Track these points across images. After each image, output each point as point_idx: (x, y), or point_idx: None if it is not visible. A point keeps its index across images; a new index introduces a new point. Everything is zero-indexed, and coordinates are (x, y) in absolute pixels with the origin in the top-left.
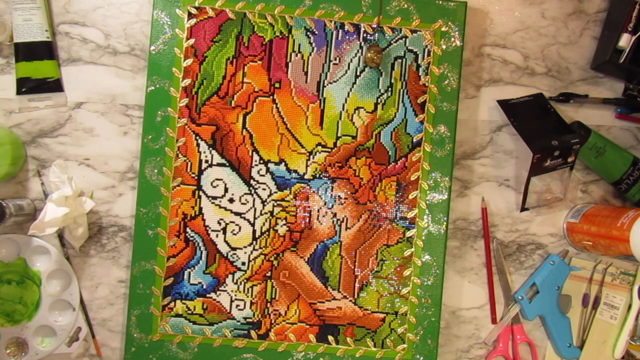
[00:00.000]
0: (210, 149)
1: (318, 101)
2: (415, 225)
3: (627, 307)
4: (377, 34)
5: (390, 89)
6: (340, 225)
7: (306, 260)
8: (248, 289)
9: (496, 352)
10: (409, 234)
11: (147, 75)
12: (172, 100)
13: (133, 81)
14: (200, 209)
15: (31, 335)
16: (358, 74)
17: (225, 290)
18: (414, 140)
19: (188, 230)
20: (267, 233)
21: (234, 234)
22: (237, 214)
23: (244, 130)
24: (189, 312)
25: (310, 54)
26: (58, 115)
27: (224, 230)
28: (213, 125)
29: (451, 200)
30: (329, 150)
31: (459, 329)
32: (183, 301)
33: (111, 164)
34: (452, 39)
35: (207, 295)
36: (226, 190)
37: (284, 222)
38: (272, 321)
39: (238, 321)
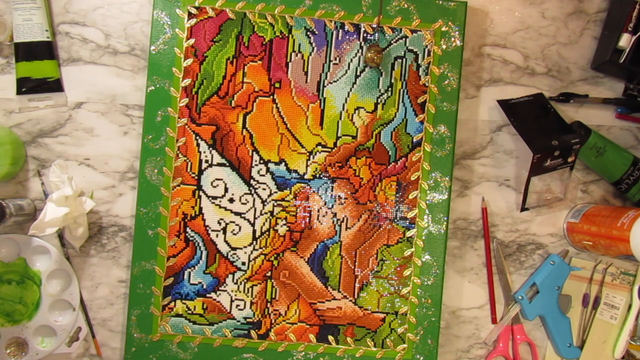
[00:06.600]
0: (210, 148)
1: (318, 101)
2: (415, 225)
3: (627, 307)
4: (377, 34)
5: (390, 89)
6: (340, 225)
7: (306, 260)
8: (248, 289)
9: (496, 352)
10: (409, 234)
11: (147, 75)
12: (172, 100)
13: (133, 81)
14: (200, 208)
15: (31, 335)
16: (358, 74)
17: (225, 290)
18: (414, 140)
19: (188, 230)
20: (267, 233)
21: (234, 234)
22: (237, 213)
23: (244, 130)
24: (189, 312)
25: (310, 54)
26: (58, 115)
27: (224, 230)
28: (213, 125)
29: (451, 200)
30: (329, 150)
31: (459, 329)
32: (183, 301)
33: (111, 164)
34: (452, 39)
35: (207, 295)
36: (226, 190)
37: (284, 222)
38: (272, 321)
39: (238, 321)
